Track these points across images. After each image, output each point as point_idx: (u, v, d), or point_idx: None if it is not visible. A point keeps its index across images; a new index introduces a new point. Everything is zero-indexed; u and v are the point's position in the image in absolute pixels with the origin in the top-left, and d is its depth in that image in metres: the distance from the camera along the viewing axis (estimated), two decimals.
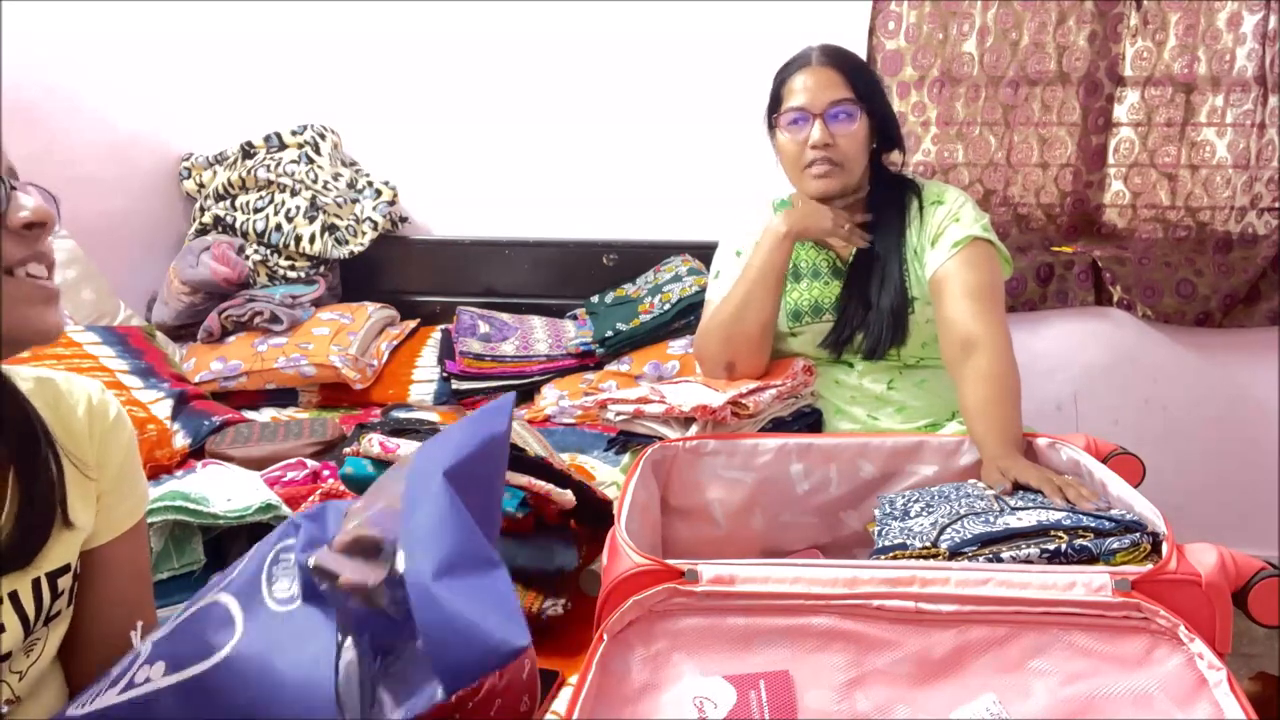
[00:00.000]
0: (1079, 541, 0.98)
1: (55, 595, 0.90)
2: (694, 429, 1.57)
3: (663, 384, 1.78)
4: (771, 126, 1.78)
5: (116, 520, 0.98)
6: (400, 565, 0.66)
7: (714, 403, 1.55)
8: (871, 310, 1.74)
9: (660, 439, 1.59)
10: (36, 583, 0.88)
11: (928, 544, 1.04)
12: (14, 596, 0.86)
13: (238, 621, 0.71)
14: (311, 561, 0.70)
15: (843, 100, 1.69)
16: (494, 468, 0.78)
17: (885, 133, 1.77)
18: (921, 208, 1.76)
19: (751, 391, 1.62)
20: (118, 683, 0.69)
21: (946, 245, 1.67)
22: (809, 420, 1.77)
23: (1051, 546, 0.99)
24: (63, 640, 0.94)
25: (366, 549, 0.71)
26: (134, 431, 1.01)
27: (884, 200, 1.78)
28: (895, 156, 1.85)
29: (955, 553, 1.02)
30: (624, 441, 1.80)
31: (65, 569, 0.91)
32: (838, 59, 1.72)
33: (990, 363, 1.50)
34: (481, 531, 0.69)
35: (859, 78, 1.72)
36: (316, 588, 0.70)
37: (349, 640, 0.68)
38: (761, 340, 1.75)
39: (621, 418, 1.69)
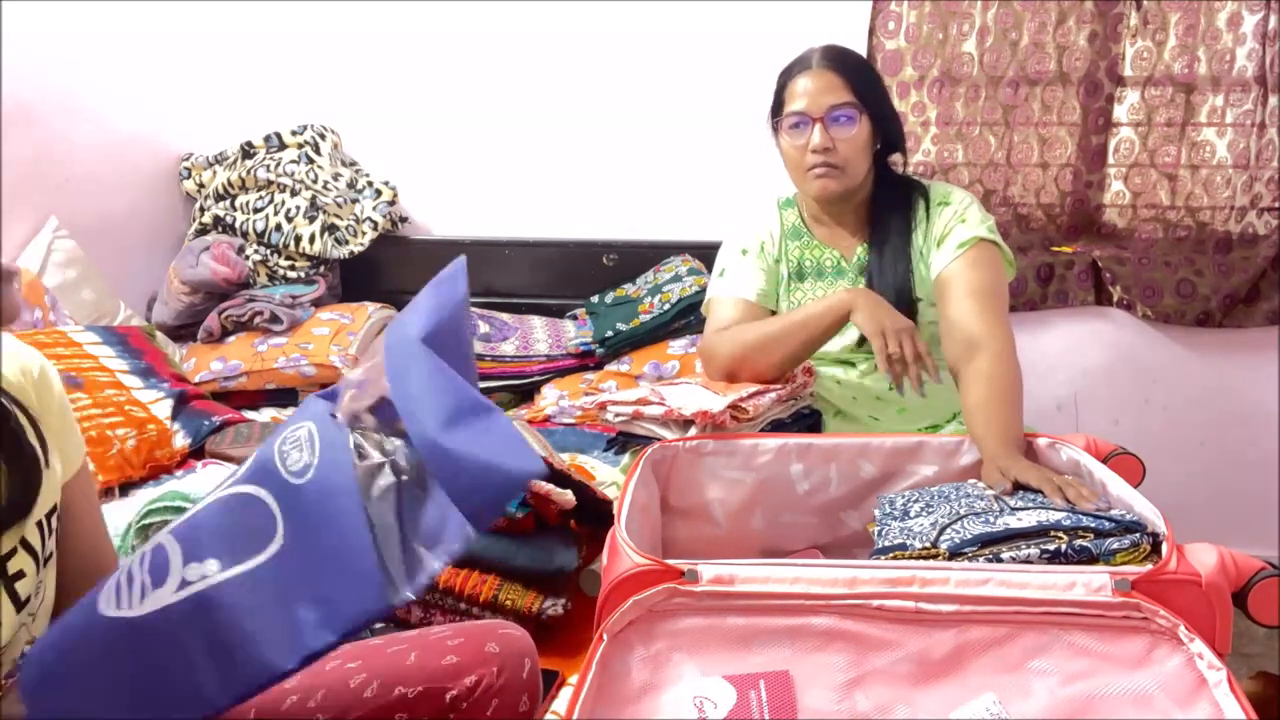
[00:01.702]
0: (1079, 542, 0.98)
1: (49, 535, 0.94)
2: (693, 430, 1.57)
3: (662, 384, 1.78)
4: (775, 129, 1.77)
5: (68, 459, 1.02)
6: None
7: (714, 408, 1.55)
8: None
9: (659, 440, 1.59)
10: (40, 525, 0.93)
11: (927, 544, 1.04)
12: (24, 543, 0.90)
13: (275, 511, 0.76)
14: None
15: (843, 104, 1.67)
16: (462, 329, 0.84)
17: (888, 134, 1.76)
18: (928, 209, 1.75)
19: (752, 395, 1.62)
20: (162, 583, 0.74)
21: (952, 246, 1.67)
22: (808, 422, 1.77)
23: (1051, 547, 0.98)
24: None
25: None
26: (60, 381, 1.05)
27: (888, 201, 1.77)
28: (897, 157, 1.84)
29: (955, 553, 1.02)
30: (624, 441, 1.80)
31: (54, 509, 0.96)
32: (839, 61, 1.70)
33: (992, 363, 1.50)
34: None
35: (860, 80, 1.70)
36: (328, 451, 0.76)
37: (377, 497, 0.72)
38: (777, 372, 1.71)
39: (621, 419, 1.69)
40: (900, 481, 1.34)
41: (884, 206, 1.77)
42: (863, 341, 1.76)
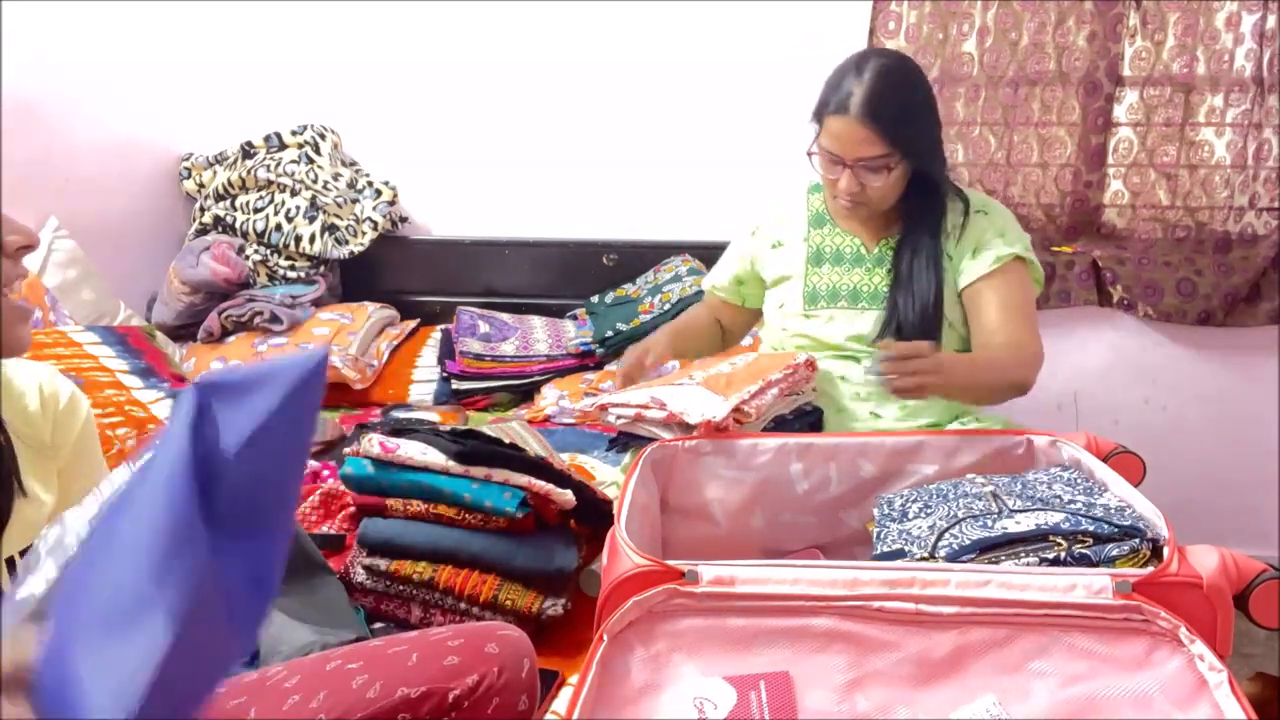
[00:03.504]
0: (1078, 549, 0.98)
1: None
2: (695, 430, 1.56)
3: (660, 382, 1.77)
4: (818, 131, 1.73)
5: (75, 497, 0.98)
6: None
7: (717, 415, 1.52)
8: (905, 309, 1.75)
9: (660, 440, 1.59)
10: (9, 563, 0.90)
11: (926, 552, 1.04)
12: None
13: None
14: None
15: (871, 156, 1.64)
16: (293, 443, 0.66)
17: (925, 159, 1.73)
18: (966, 213, 1.77)
19: (754, 395, 1.61)
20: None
21: (989, 259, 1.73)
22: (810, 419, 1.76)
23: (1050, 555, 0.98)
24: None
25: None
26: (90, 412, 1.03)
27: (916, 205, 1.77)
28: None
29: (953, 560, 1.02)
30: (625, 441, 1.80)
31: (30, 549, 0.92)
32: (876, 112, 1.62)
33: (1017, 357, 1.68)
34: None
35: (897, 129, 1.64)
36: None
37: None
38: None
39: (622, 420, 1.69)
40: (900, 481, 1.33)
41: (911, 211, 1.77)
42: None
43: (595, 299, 2.71)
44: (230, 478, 0.61)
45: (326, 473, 1.87)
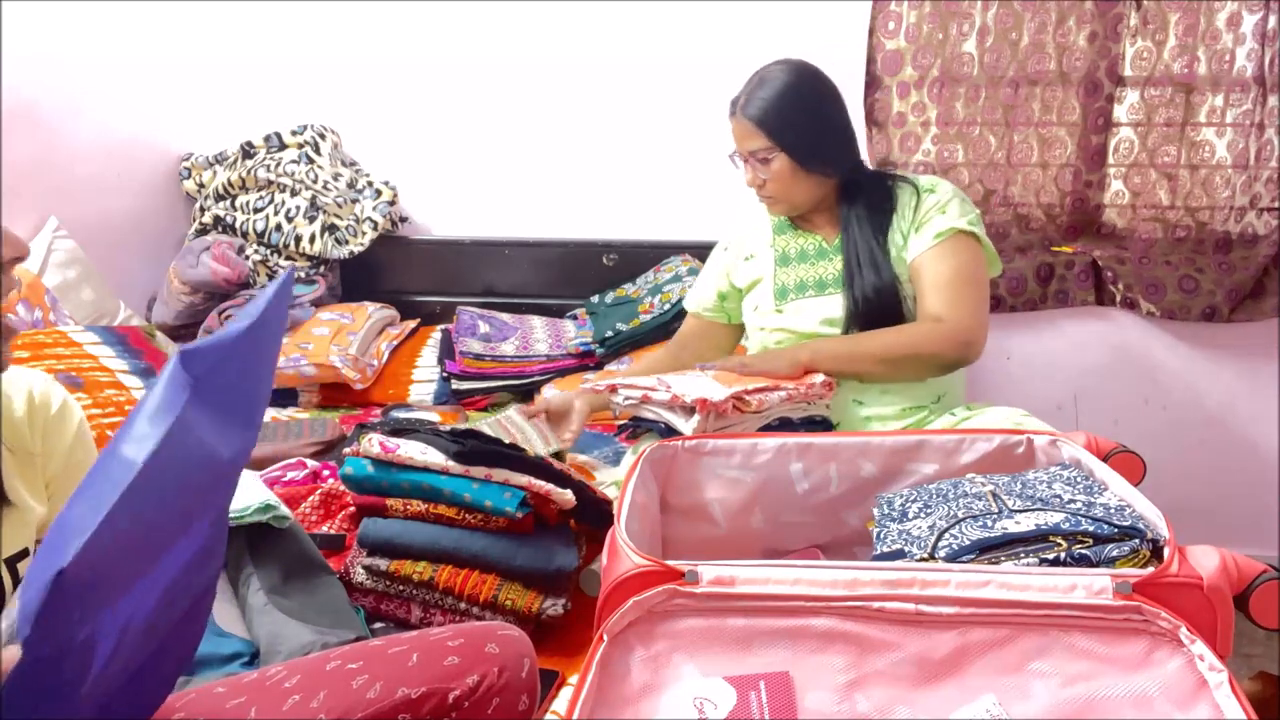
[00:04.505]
0: (1078, 549, 0.98)
1: (17, 580, 0.91)
2: (695, 418, 1.57)
3: (672, 374, 1.78)
4: None
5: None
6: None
7: (715, 396, 1.55)
8: (860, 294, 1.81)
9: (665, 424, 1.59)
10: (10, 567, 0.90)
11: (925, 553, 1.04)
12: None
13: None
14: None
15: (757, 149, 1.80)
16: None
17: (825, 151, 1.82)
18: (917, 194, 1.84)
19: (759, 390, 1.62)
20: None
21: (930, 235, 1.78)
22: (819, 429, 1.76)
23: (1050, 555, 0.98)
24: None
25: None
26: (83, 420, 1.01)
27: (853, 196, 1.85)
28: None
29: (953, 561, 1.02)
30: (634, 428, 1.82)
31: (24, 553, 0.93)
32: (753, 109, 1.79)
33: (914, 327, 1.73)
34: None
35: (774, 122, 1.78)
36: None
37: None
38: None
39: (630, 402, 1.70)
40: (900, 480, 1.33)
41: (849, 203, 1.85)
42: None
43: (595, 299, 2.71)
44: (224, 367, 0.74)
45: (326, 473, 1.86)
